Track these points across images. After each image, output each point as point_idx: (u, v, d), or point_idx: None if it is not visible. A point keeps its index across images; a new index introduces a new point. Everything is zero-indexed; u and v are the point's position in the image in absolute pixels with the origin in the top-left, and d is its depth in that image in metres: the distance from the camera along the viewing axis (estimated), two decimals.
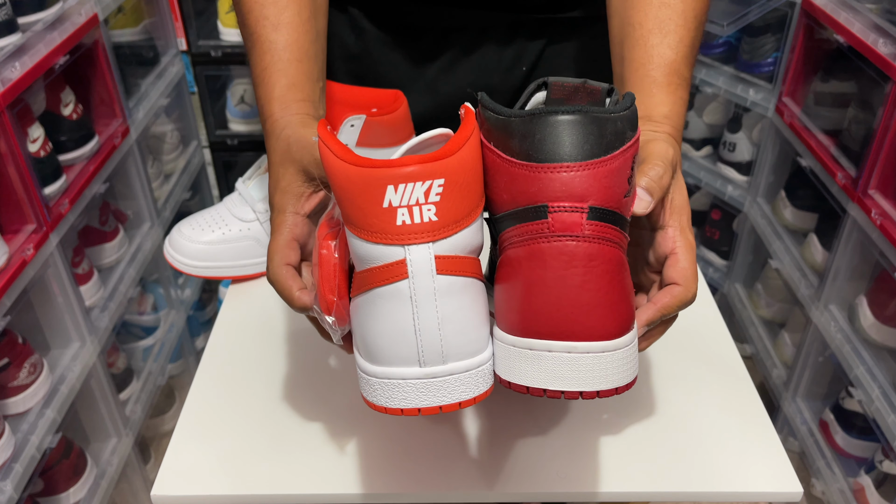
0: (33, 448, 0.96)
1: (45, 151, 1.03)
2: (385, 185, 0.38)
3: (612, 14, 0.58)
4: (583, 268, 0.39)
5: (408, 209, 0.38)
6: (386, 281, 0.39)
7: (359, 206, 0.39)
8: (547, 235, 0.39)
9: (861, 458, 1.19)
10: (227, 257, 0.73)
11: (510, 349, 0.41)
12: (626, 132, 0.40)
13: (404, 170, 0.38)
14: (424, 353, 0.39)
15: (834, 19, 1.15)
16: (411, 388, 0.40)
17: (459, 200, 0.39)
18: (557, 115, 0.38)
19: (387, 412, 0.41)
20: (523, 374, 0.40)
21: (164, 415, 1.47)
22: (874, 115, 1.10)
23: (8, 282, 0.91)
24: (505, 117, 0.40)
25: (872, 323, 1.13)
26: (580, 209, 0.39)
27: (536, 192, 0.39)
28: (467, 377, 0.40)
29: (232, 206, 0.74)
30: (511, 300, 0.41)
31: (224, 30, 1.57)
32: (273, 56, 0.56)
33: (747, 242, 1.53)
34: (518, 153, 0.39)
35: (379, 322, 0.40)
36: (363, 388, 0.42)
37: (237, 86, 1.67)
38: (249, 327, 0.69)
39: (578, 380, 0.39)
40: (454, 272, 0.39)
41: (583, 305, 0.39)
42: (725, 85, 1.45)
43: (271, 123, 0.54)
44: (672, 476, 0.55)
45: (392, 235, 0.38)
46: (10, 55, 0.93)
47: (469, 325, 0.40)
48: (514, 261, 0.41)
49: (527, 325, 0.40)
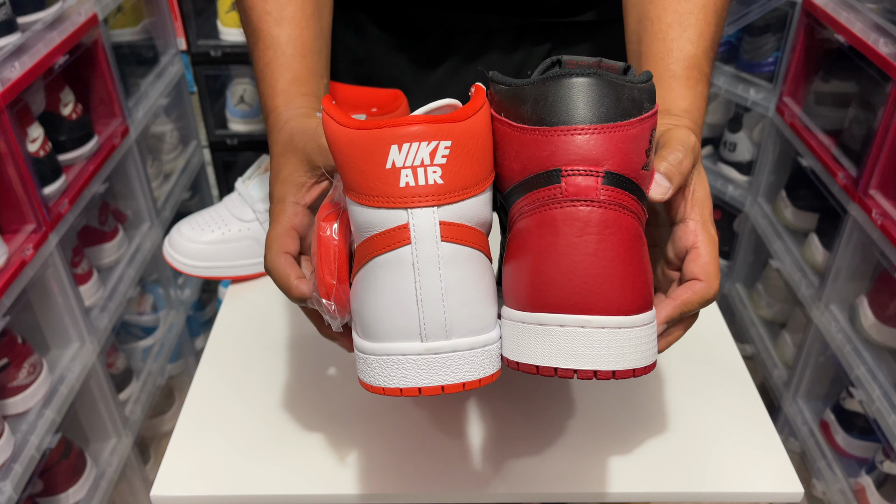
0: (33, 448, 0.96)
1: (45, 151, 1.03)
2: (389, 144, 0.36)
3: (629, 10, 0.57)
4: (597, 234, 0.36)
5: (412, 170, 0.36)
6: (387, 248, 0.37)
7: (360, 169, 0.37)
8: (559, 200, 0.36)
9: (862, 458, 1.18)
10: (226, 257, 0.73)
11: (519, 326, 0.38)
12: (643, 103, 0.38)
13: (409, 129, 0.36)
14: (426, 326, 0.37)
15: (834, 19, 1.15)
16: (412, 364, 0.37)
17: (467, 166, 0.37)
18: (572, 78, 0.36)
19: (385, 393, 0.38)
20: (533, 353, 0.37)
21: (164, 415, 1.46)
22: (875, 115, 1.10)
23: (7, 282, 0.91)
24: (517, 86, 0.38)
25: (873, 323, 1.13)
26: (595, 173, 0.36)
27: (549, 157, 0.37)
28: (472, 356, 0.38)
29: (231, 205, 0.74)
30: (520, 272, 0.38)
31: (224, 29, 1.56)
32: (276, 51, 0.55)
33: (748, 242, 1.53)
34: (530, 118, 0.37)
35: (379, 293, 0.38)
36: (360, 369, 0.40)
37: (237, 85, 1.67)
38: (249, 327, 0.69)
39: (593, 357, 0.36)
40: (460, 240, 0.37)
41: (597, 275, 0.36)
42: (726, 84, 1.45)
43: (274, 117, 0.53)
44: (672, 476, 0.55)
45: (395, 198, 0.36)
46: (9, 55, 0.93)
47: (474, 299, 0.38)
48: (523, 232, 0.38)
49: (537, 297, 0.37)
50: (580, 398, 0.62)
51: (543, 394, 0.62)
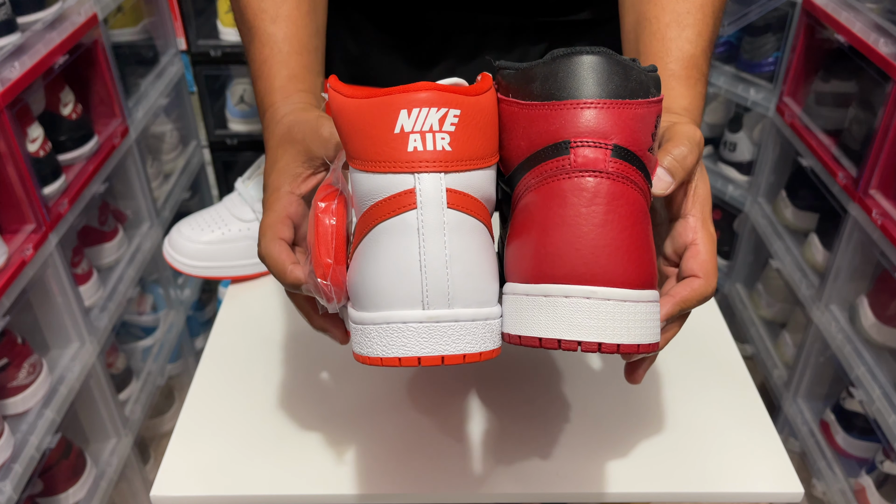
0: (32, 448, 0.96)
1: (45, 151, 1.03)
2: (398, 109, 0.36)
3: (626, 9, 0.57)
4: (605, 206, 0.36)
5: (420, 135, 0.36)
6: (392, 213, 0.37)
7: (368, 135, 0.37)
8: (568, 171, 0.37)
9: (862, 458, 1.18)
10: (226, 257, 0.73)
11: (522, 299, 0.37)
12: (650, 88, 0.38)
13: (419, 94, 0.36)
14: (429, 293, 0.36)
15: (835, 19, 1.15)
16: (412, 332, 0.36)
17: (475, 137, 0.37)
18: (582, 55, 0.37)
19: (382, 364, 0.37)
20: (536, 325, 0.36)
21: (164, 415, 1.46)
22: (875, 115, 1.10)
23: (7, 282, 0.91)
24: (525, 68, 0.39)
25: (873, 323, 1.13)
26: (604, 145, 0.36)
27: (557, 129, 0.37)
28: (473, 327, 0.37)
29: (231, 205, 0.74)
30: (526, 245, 0.38)
31: (224, 29, 1.57)
32: (272, 48, 0.55)
33: (748, 242, 1.53)
34: (539, 95, 0.37)
35: (381, 260, 0.37)
36: (357, 342, 0.39)
37: (237, 85, 1.67)
38: (249, 327, 0.69)
39: (598, 329, 0.36)
40: (465, 209, 0.37)
41: (604, 247, 0.36)
42: (726, 84, 1.45)
43: (272, 113, 0.53)
44: (672, 476, 0.55)
45: (402, 163, 0.36)
46: (9, 55, 0.93)
47: (478, 270, 0.38)
48: (530, 205, 0.38)
49: (542, 269, 0.37)
50: (580, 398, 0.62)
51: (543, 393, 0.62)
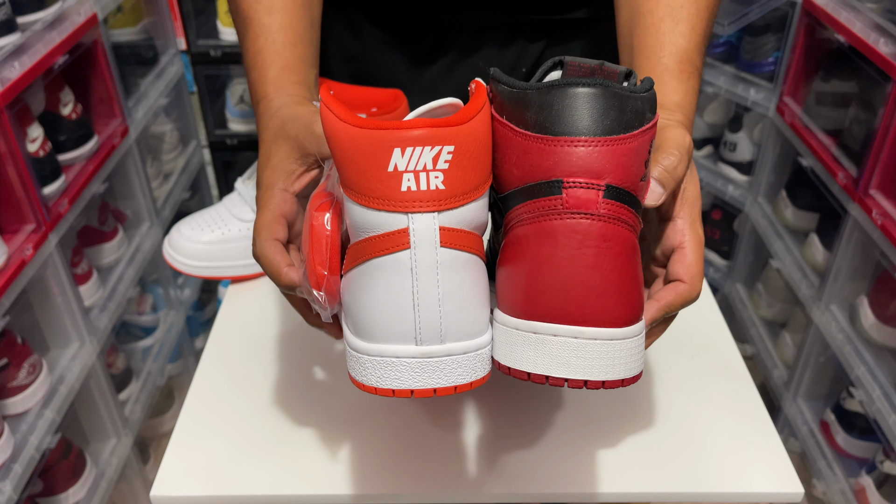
0: (32, 448, 0.96)
1: (45, 151, 1.03)
2: (392, 147, 0.36)
3: (621, 4, 0.57)
4: (596, 248, 0.37)
5: (414, 175, 0.36)
6: (385, 251, 0.37)
7: (361, 170, 0.36)
8: (560, 212, 0.37)
9: (862, 458, 1.18)
10: (226, 257, 0.73)
11: (512, 332, 0.38)
12: (645, 113, 0.38)
13: (413, 133, 0.35)
14: (422, 331, 0.37)
15: (835, 19, 1.15)
16: (406, 367, 0.37)
17: (468, 171, 0.37)
18: (577, 87, 0.36)
19: (377, 393, 0.38)
20: (525, 360, 0.38)
21: (164, 415, 1.46)
22: (875, 115, 1.10)
23: (7, 282, 0.91)
24: (520, 89, 0.38)
25: (873, 323, 1.13)
26: (597, 186, 0.37)
27: (551, 167, 0.37)
28: (465, 359, 0.38)
29: (231, 205, 0.74)
30: (516, 279, 0.38)
31: (223, 29, 1.56)
32: (266, 39, 0.55)
33: (748, 242, 1.53)
34: (533, 125, 0.37)
35: (375, 295, 0.38)
36: (352, 366, 0.40)
37: (237, 85, 1.67)
38: (249, 328, 0.69)
39: (584, 367, 0.37)
40: (458, 246, 0.37)
41: (593, 288, 0.37)
42: (726, 84, 1.45)
43: (265, 105, 0.52)
44: (672, 476, 0.55)
45: (395, 202, 0.36)
46: (9, 55, 0.93)
47: (470, 304, 0.38)
48: (521, 238, 0.38)
49: (532, 306, 0.37)
50: (579, 398, 0.61)
51: (542, 394, 0.62)
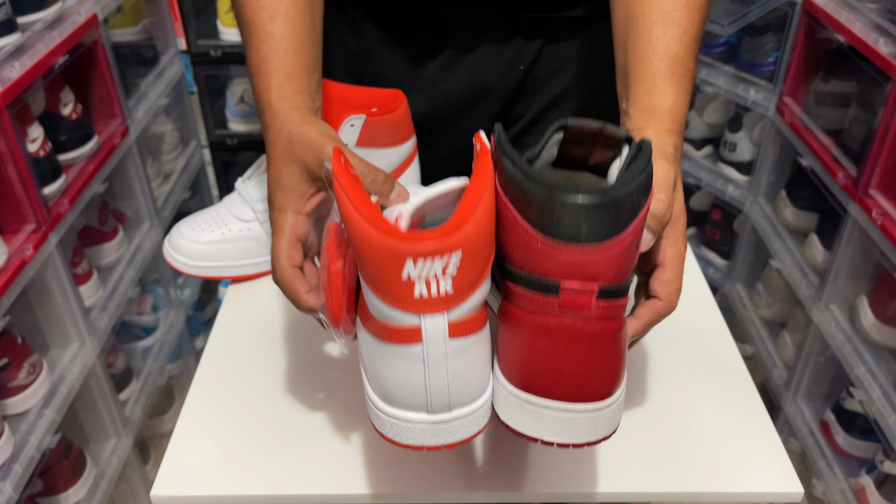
0: (32, 448, 0.96)
1: (45, 151, 1.03)
2: (405, 258, 0.38)
3: (616, 5, 0.58)
4: (587, 345, 0.40)
5: (426, 283, 0.39)
6: (400, 341, 0.40)
7: (377, 271, 0.40)
8: (556, 311, 0.40)
9: (862, 458, 1.19)
10: (226, 257, 0.73)
11: (510, 397, 0.42)
12: (640, 201, 0.40)
13: (424, 245, 0.38)
14: (433, 405, 0.42)
15: (835, 19, 1.15)
16: (419, 430, 0.42)
17: (475, 265, 0.40)
18: (578, 199, 0.38)
19: (394, 444, 0.43)
20: (521, 423, 0.42)
21: (164, 415, 1.47)
22: (875, 115, 1.10)
23: (7, 282, 0.91)
24: (522, 176, 0.40)
25: (873, 323, 1.13)
26: (591, 291, 0.39)
27: (550, 269, 0.39)
28: (471, 419, 0.43)
29: (231, 205, 0.74)
30: (514, 355, 0.42)
31: (224, 29, 1.57)
32: (270, 45, 0.56)
33: (748, 242, 1.53)
34: (535, 223, 0.39)
35: (392, 373, 0.42)
36: (373, 417, 0.45)
37: (237, 85, 1.67)
38: (249, 327, 0.69)
39: (572, 434, 0.42)
40: (465, 333, 0.41)
41: (583, 375, 0.41)
42: (726, 84, 1.45)
43: (270, 114, 0.54)
44: (673, 476, 0.55)
45: (409, 304, 0.39)
46: (9, 55, 0.93)
47: (475, 376, 0.42)
48: (520, 321, 0.41)
49: (527, 383, 0.42)
50: None
51: None
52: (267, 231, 0.72)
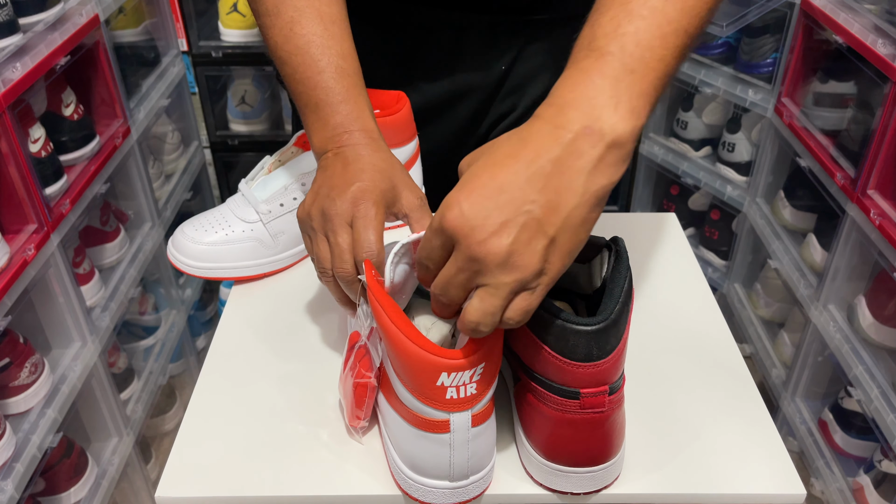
0: (34, 448, 0.96)
1: (47, 152, 1.03)
2: (441, 371, 0.46)
3: None
4: (604, 429, 0.49)
5: (456, 389, 0.46)
6: (430, 430, 0.48)
7: (413, 375, 0.47)
8: (577, 411, 0.48)
9: (860, 457, 1.19)
10: (229, 258, 0.73)
11: (542, 465, 0.53)
12: (628, 306, 0.48)
13: (457, 361, 0.45)
14: (455, 475, 0.50)
15: (833, 20, 1.15)
16: (441, 493, 0.51)
17: (492, 373, 0.48)
18: (588, 328, 0.46)
19: (418, 502, 0.52)
20: (554, 484, 0.53)
21: (165, 414, 1.47)
22: (873, 116, 1.11)
23: (9, 282, 0.91)
24: (541, 316, 0.47)
25: (871, 323, 1.13)
26: (604, 392, 0.48)
27: (570, 381, 0.47)
28: (482, 481, 0.52)
29: (235, 207, 0.74)
30: (541, 436, 0.52)
31: (225, 30, 1.57)
32: (350, 80, 0.61)
33: (746, 242, 1.53)
34: (553, 346, 0.47)
35: (422, 452, 0.50)
36: (399, 480, 0.53)
37: (238, 86, 1.67)
38: (253, 327, 0.69)
39: (593, 485, 0.53)
40: (482, 422, 0.49)
41: (602, 449, 0.51)
42: (725, 85, 1.45)
43: (329, 113, 0.59)
44: (673, 477, 0.55)
45: (441, 404, 0.47)
46: (11, 56, 0.93)
47: (487, 451, 0.51)
48: (547, 415, 0.50)
49: (555, 456, 0.52)
50: None
51: None
52: (270, 232, 0.72)
